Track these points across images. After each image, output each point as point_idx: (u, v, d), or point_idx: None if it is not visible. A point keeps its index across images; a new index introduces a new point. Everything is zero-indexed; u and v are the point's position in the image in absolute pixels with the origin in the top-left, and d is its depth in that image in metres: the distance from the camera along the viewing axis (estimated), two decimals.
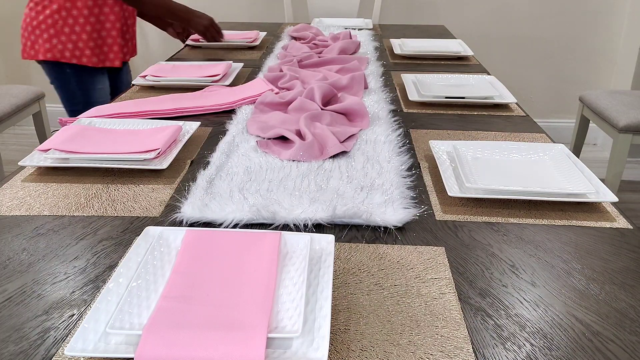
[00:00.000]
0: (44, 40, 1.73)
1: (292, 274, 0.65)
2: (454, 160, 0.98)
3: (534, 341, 0.58)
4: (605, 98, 2.29)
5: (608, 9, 3.01)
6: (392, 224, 0.80)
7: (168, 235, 0.71)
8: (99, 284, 0.67)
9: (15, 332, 0.59)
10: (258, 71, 1.68)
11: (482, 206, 0.87)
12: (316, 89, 1.26)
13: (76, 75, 1.79)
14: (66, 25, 1.72)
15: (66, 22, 1.72)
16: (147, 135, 1.05)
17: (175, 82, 1.48)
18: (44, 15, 1.72)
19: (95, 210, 0.85)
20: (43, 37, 1.73)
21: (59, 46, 1.73)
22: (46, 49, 1.74)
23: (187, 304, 0.59)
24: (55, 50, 1.73)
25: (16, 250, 0.74)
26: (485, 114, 1.31)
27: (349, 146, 1.05)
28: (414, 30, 2.44)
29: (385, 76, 1.63)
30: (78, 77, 1.80)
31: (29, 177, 0.95)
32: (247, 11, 3.14)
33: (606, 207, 0.87)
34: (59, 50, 1.74)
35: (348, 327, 0.60)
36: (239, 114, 1.24)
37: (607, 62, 3.12)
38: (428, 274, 0.69)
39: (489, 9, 3.07)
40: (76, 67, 1.77)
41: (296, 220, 0.79)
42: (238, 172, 0.95)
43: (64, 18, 1.72)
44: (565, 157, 0.99)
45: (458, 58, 1.90)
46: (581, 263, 0.72)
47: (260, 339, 0.53)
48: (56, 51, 1.74)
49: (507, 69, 3.14)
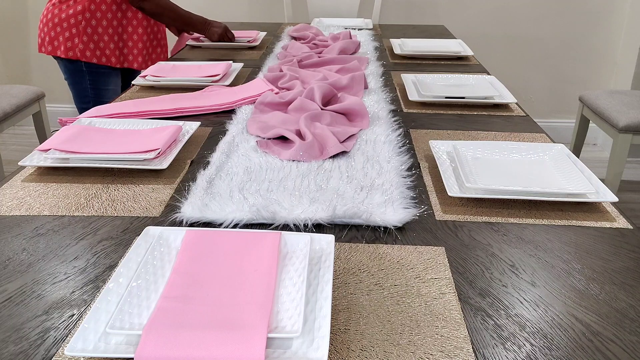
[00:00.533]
0: (65, 39, 1.78)
1: (292, 274, 0.65)
2: (454, 160, 0.98)
3: (534, 341, 0.58)
4: (605, 98, 2.29)
5: (608, 9, 3.01)
6: (392, 224, 0.80)
7: (168, 235, 0.71)
8: (99, 284, 0.67)
9: (15, 332, 0.59)
10: (258, 71, 1.68)
11: (482, 206, 0.87)
12: (316, 89, 1.26)
13: (91, 74, 1.85)
14: (89, 26, 1.77)
15: (89, 23, 1.77)
16: (147, 135, 1.05)
17: (175, 82, 1.48)
18: (67, 14, 1.76)
19: (95, 210, 0.85)
20: (64, 35, 1.77)
21: (80, 45, 1.78)
22: (67, 47, 1.78)
23: (187, 304, 0.59)
24: (76, 49, 1.78)
25: (16, 250, 0.74)
26: (485, 114, 1.31)
27: (349, 146, 1.05)
28: (414, 30, 2.44)
29: (385, 76, 1.63)
30: (92, 76, 1.85)
31: (29, 177, 0.95)
32: (247, 11, 3.14)
33: (606, 207, 0.87)
34: (80, 49, 1.79)
35: (348, 327, 0.60)
36: (239, 114, 1.24)
37: (607, 62, 3.12)
38: (428, 274, 0.69)
39: (489, 9, 3.07)
40: (92, 66, 1.83)
41: (296, 220, 0.79)
42: (238, 172, 0.95)
43: (87, 19, 1.77)
44: (565, 157, 0.99)
45: (458, 58, 1.90)
46: (581, 263, 0.72)
47: (260, 339, 0.53)
48: (77, 50, 1.79)
49: (507, 69, 3.14)
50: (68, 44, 1.77)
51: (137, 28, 1.84)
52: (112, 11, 1.78)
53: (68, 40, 1.77)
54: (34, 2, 3.19)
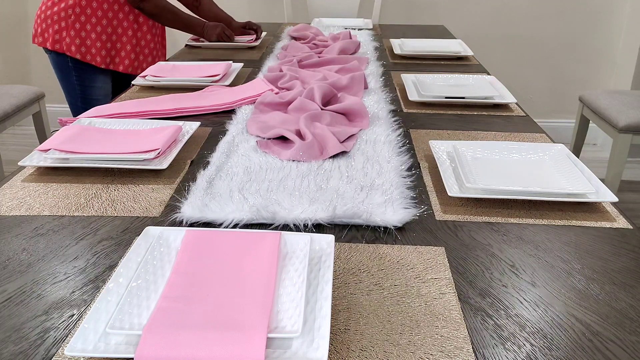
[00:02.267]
0: (54, 31, 1.79)
1: (292, 274, 0.65)
2: (454, 160, 0.98)
3: (534, 341, 0.58)
4: (605, 98, 2.29)
5: (608, 9, 3.01)
6: (392, 224, 0.80)
7: (168, 235, 0.71)
8: (99, 284, 0.67)
9: (15, 332, 0.59)
10: (258, 71, 1.68)
11: (482, 206, 0.87)
12: (316, 89, 1.26)
13: (76, 70, 1.84)
14: (77, 21, 1.78)
15: (78, 19, 1.77)
16: (147, 135, 1.05)
17: (175, 82, 1.48)
18: (59, 7, 1.77)
19: (95, 210, 0.85)
20: (54, 28, 1.78)
21: (67, 39, 1.78)
22: (55, 40, 1.79)
23: (187, 304, 0.59)
24: (63, 42, 1.79)
25: (16, 251, 0.74)
26: (485, 114, 1.31)
27: (349, 146, 1.05)
28: (414, 30, 2.44)
29: (385, 76, 1.63)
30: (78, 72, 1.85)
31: (29, 177, 0.95)
32: (247, 11, 3.14)
33: (606, 207, 0.87)
34: (66, 43, 1.79)
35: (348, 327, 0.60)
36: (239, 114, 1.24)
37: (607, 62, 3.12)
38: (428, 274, 0.69)
39: (489, 9, 3.07)
40: (77, 62, 1.82)
41: (296, 220, 0.79)
42: (238, 172, 0.95)
43: (77, 14, 1.77)
44: (565, 157, 0.99)
45: (458, 58, 1.90)
46: (581, 263, 0.72)
47: (260, 339, 0.53)
48: (63, 43, 1.79)
49: (507, 69, 3.14)
50: (56, 37, 1.78)
51: (127, 30, 1.83)
52: (102, 9, 1.77)
53: (56, 33, 1.78)
54: (34, 2, 3.19)
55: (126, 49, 1.84)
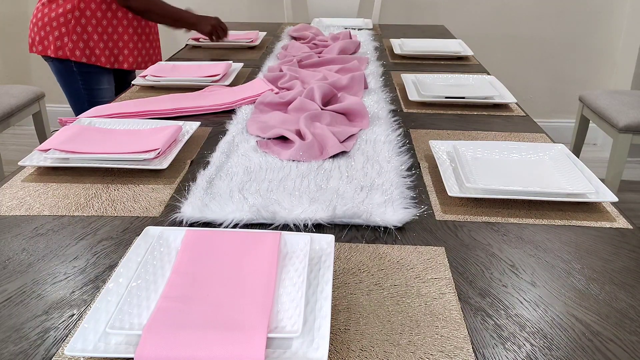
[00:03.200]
0: (55, 38, 1.75)
1: (292, 274, 0.65)
2: (454, 160, 0.98)
3: (534, 341, 0.58)
4: (605, 98, 2.29)
5: (608, 9, 3.01)
6: (392, 224, 0.80)
7: (168, 235, 0.71)
8: (99, 284, 0.67)
9: (15, 332, 0.59)
10: (258, 71, 1.68)
11: (482, 206, 0.87)
12: (316, 89, 1.26)
13: (82, 74, 1.82)
14: (78, 25, 1.75)
15: (78, 22, 1.74)
16: (147, 135, 1.05)
17: (175, 82, 1.48)
18: (57, 13, 1.74)
19: (95, 210, 0.85)
20: (54, 35, 1.75)
21: (70, 44, 1.75)
22: (57, 47, 1.76)
23: (187, 304, 0.59)
24: (65, 48, 1.76)
25: (16, 251, 0.74)
26: (485, 114, 1.31)
27: (349, 146, 1.05)
28: (414, 30, 2.44)
29: (385, 76, 1.63)
30: (83, 76, 1.82)
31: (29, 177, 0.95)
32: (247, 11, 3.14)
33: (606, 207, 0.87)
34: (69, 48, 1.76)
35: (348, 327, 0.60)
36: (239, 114, 1.24)
37: (607, 62, 3.12)
38: (428, 274, 0.69)
39: (489, 9, 3.07)
40: (82, 66, 1.80)
41: (296, 220, 0.79)
42: (238, 172, 0.95)
43: (76, 18, 1.74)
44: (565, 157, 0.99)
45: (458, 58, 1.90)
46: (581, 263, 0.72)
47: (260, 339, 0.53)
48: (66, 49, 1.76)
49: (507, 69, 3.14)
50: (57, 43, 1.75)
51: (128, 28, 1.82)
52: (101, 10, 1.75)
53: (57, 40, 1.75)
54: (34, 3, 3.19)
55: (128, 46, 1.84)
